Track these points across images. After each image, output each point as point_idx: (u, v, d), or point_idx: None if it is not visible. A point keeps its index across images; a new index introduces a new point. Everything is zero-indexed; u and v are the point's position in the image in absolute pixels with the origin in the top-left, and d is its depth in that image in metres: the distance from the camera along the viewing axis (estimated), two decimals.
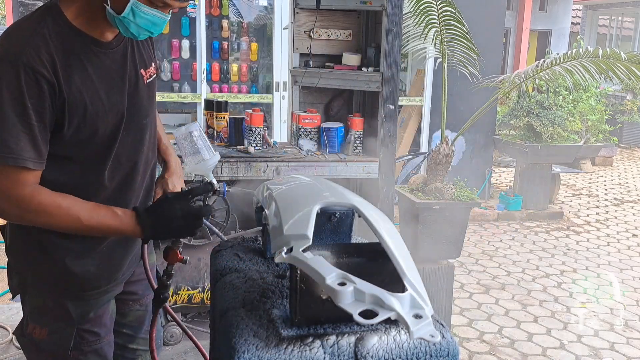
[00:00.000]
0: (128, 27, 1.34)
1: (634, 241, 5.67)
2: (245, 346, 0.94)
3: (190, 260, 2.96)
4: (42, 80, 1.27)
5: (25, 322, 1.55)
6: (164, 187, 1.67)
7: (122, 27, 1.35)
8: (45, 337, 1.52)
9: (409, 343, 0.96)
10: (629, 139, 10.79)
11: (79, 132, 1.37)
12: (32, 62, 1.26)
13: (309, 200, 1.07)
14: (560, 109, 6.63)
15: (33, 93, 1.27)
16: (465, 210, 3.66)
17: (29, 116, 1.27)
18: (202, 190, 1.49)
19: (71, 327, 1.52)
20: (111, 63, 1.44)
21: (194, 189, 1.47)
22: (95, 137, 1.40)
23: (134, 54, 1.51)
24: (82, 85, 1.35)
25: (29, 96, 1.26)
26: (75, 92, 1.34)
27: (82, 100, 1.35)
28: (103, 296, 1.56)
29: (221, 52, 5.65)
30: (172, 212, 1.39)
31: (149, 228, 1.39)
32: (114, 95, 1.43)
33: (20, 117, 1.27)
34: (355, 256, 1.01)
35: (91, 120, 1.38)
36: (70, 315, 1.51)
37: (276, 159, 2.84)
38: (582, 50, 3.72)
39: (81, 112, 1.35)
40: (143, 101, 1.53)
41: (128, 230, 1.40)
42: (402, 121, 6.04)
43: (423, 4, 3.54)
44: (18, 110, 1.26)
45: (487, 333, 3.65)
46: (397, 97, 2.95)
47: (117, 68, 1.45)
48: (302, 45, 3.17)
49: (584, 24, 14.67)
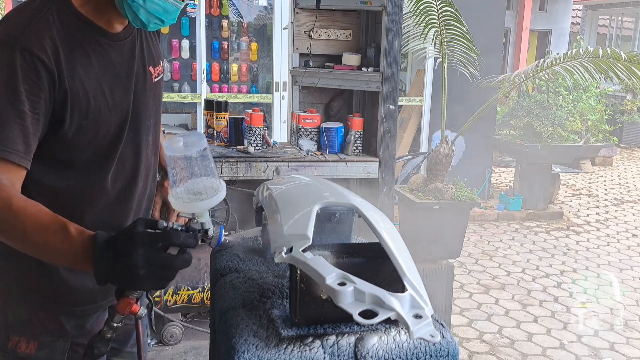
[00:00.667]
0: (137, 14, 1.22)
1: (634, 241, 5.68)
2: (245, 346, 0.94)
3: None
4: (40, 67, 1.15)
5: (5, 336, 1.36)
6: (164, 196, 1.58)
7: (131, 14, 1.23)
8: (34, 352, 1.35)
9: (409, 343, 0.96)
10: (629, 139, 10.79)
11: (80, 131, 1.25)
12: (31, 46, 1.14)
13: (309, 200, 1.07)
14: (560, 109, 6.63)
15: (28, 79, 1.14)
16: (465, 210, 3.67)
17: (22, 102, 1.13)
18: (183, 242, 1.04)
19: (65, 340, 1.37)
20: (117, 56, 1.33)
21: (171, 235, 1.03)
22: (98, 138, 1.29)
23: (142, 49, 1.41)
24: (86, 78, 1.24)
25: (23, 81, 1.13)
26: (79, 86, 1.22)
27: (85, 95, 1.23)
28: (98, 311, 1.44)
29: (221, 52, 5.65)
30: (133, 256, 0.99)
31: (102, 268, 1.01)
32: (118, 92, 1.32)
33: (11, 102, 1.12)
34: (355, 256, 1.01)
35: (94, 118, 1.26)
36: (64, 327, 1.37)
37: (276, 159, 2.84)
38: (582, 50, 3.73)
39: (84, 107, 1.23)
40: (149, 100, 1.43)
41: (76, 261, 1.05)
42: (402, 121, 6.04)
43: (423, 4, 3.54)
44: (9, 94, 1.12)
45: (487, 333, 3.65)
46: (397, 97, 2.95)
47: (123, 62, 1.35)
48: (302, 45, 3.17)
49: (584, 24, 14.67)
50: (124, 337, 1.61)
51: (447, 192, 3.58)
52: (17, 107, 1.13)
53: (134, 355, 1.65)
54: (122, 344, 1.62)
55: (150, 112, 1.45)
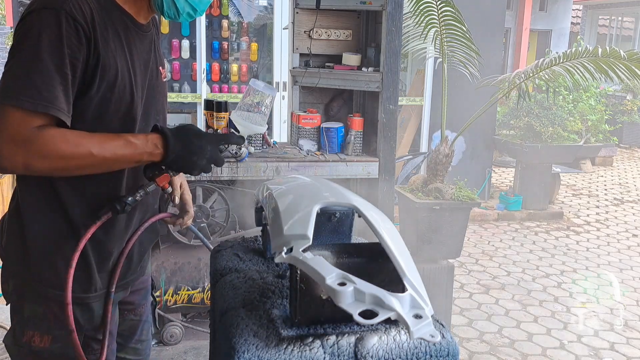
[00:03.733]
0: (175, 0, 1.32)
1: (634, 241, 5.67)
2: (245, 346, 0.94)
3: (190, 260, 2.97)
4: (81, 32, 1.21)
5: (19, 330, 1.40)
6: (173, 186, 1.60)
7: (166, 2, 1.33)
8: (48, 345, 1.39)
9: (409, 343, 0.96)
10: (629, 139, 10.79)
11: (103, 103, 1.29)
12: (74, 12, 1.20)
13: (309, 200, 1.07)
14: (560, 109, 6.63)
15: (71, 43, 1.20)
16: (465, 210, 3.67)
17: (66, 66, 1.20)
18: (237, 142, 1.43)
19: (79, 334, 1.40)
20: (140, 45, 1.39)
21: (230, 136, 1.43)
22: (117, 115, 1.33)
23: (155, 48, 1.47)
24: (116, 52, 1.30)
25: (68, 45, 1.19)
26: (110, 57, 1.28)
27: (114, 67, 1.29)
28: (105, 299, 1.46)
29: (221, 52, 5.65)
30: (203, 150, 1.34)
31: (172, 149, 1.30)
32: (139, 78, 1.38)
33: (57, 65, 1.19)
34: (355, 256, 1.01)
35: (118, 93, 1.31)
36: (77, 321, 1.39)
37: (276, 159, 2.84)
38: (582, 50, 3.72)
39: (112, 79, 1.29)
40: (159, 97, 1.49)
41: (145, 153, 1.30)
42: (402, 121, 6.04)
43: (423, 4, 3.54)
44: (56, 58, 1.19)
45: (487, 333, 3.65)
46: (397, 97, 2.95)
47: (144, 53, 1.40)
48: (302, 45, 3.17)
49: (584, 24, 14.67)
50: (128, 332, 1.66)
51: (447, 192, 3.58)
52: (61, 68, 1.20)
53: (137, 351, 1.69)
54: (127, 340, 1.66)
55: (160, 108, 1.50)
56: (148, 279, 1.73)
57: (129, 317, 1.65)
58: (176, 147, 1.31)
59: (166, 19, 1.38)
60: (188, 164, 1.34)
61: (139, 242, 1.54)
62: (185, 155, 1.32)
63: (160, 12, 1.39)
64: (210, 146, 1.35)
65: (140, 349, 1.70)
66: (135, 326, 1.67)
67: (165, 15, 1.36)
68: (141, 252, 1.59)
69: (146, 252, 1.63)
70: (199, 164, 1.35)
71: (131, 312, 1.65)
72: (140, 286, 1.65)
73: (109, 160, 1.27)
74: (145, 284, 1.70)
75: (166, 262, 2.93)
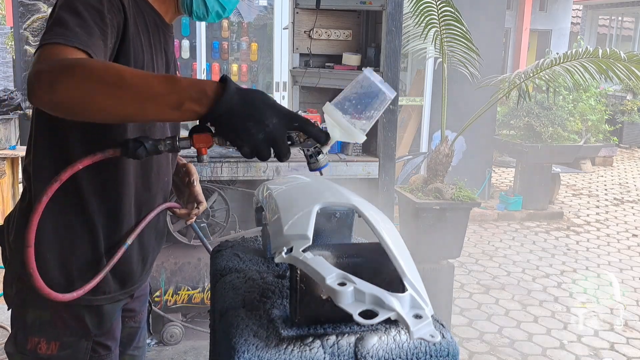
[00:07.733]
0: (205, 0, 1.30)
1: (634, 241, 5.68)
2: (245, 346, 0.94)
3: (190, 260, 2.97)
4: (120, 6, 1.20)
5: (22, 337, 1.33)
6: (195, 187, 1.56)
7: (196, 1, 1.31)
8: (56, 352, 1.32)
9: (409, 343, 0.96)
10: (629, 139, 10.79)
11: None
12: None
13: (309, 200, 1.07)
14: (560, 109, 6.63)
15: (111, 11, 1.18)
16: (465, 210, 3.67)
17: (106, 25, 1.16)
18: (316, 133, 1.09)
19: (87, 340, 1.36)
20: (164, 44, 1.38)
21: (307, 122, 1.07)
22: None
23: (173, 50, 1.46)
24: (144, 42, 1.28)
25: (109, 11, 1.17)
26: (138, 44, 1.25)
27: (140, 54, 1.26)
28: (114, 303, 1.41)
29: (221, 52, 5.65)
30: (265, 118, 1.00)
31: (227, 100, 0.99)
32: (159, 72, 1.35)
33: (99, 26, 1.14)
34: (355, 256, 1.01)
35: None
36: (86, 326, 1.35)
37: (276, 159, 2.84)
38: (582, 50, 3.73)
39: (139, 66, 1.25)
40: None
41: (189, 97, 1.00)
42: (402, 121, 6.04)
43: (423, 4, 3.54)
44: (97, 18, 1.14)
45: (487, 333, 3.65)
46: (397, 97, 2.95)
47: (165, 54, 1.39)
48: (302, 45, 3.17)
49: (584, 24, 14.67)
50: (127, 339, 1.63)
51: (447, 192, 3.58)
52: (103, 29, 1.15)
53: (134, 358, 1.67)
54: (125, 346, 1.63)
55: None
56: (147, 286, 1.71)
57: (129, 324, 1.62)
58: (233, 100, 0.99)
59: (194, 19, 1.36)
60: (240, 128, 1.00)
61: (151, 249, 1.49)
62: (240, 114, 0.99)
63: (188, 12, 1.37)
64: (278, 121, 1.01)
65: (137, 356, 1.69)
66: (134, 333, 1.65)
67: (194, 15, 1.34)
68: (153, 258, 1.55)
69: (155, 257, 1.59)
70: (255, 135, 1.00)
71: (131, 320, 1.63)
72: (141, 292, 1.63)
73: (141, 95, 1.00)
74: (145, 291, 1.69)
75: (166, 262, 2.93)
